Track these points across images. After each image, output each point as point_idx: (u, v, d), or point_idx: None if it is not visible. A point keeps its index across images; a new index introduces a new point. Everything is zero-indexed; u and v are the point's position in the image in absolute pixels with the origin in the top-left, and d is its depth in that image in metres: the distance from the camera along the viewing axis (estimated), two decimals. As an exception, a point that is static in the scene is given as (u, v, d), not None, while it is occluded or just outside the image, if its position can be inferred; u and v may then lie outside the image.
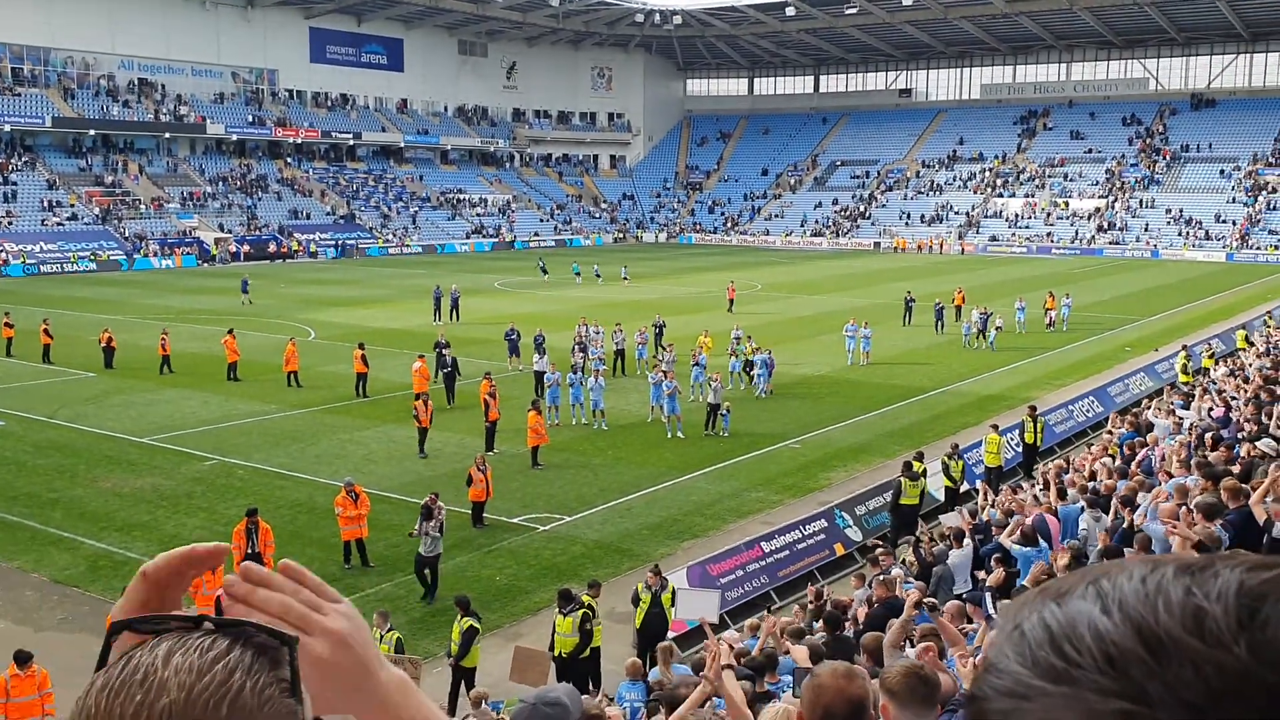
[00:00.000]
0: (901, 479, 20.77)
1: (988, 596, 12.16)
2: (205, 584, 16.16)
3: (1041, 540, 14.50)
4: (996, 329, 42.15)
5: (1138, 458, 18.29)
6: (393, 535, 20.00)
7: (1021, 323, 44.17)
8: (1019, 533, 14.54)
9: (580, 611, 14.88)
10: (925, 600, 12.36)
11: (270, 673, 1.13)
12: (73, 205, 79.14)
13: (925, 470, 21.38)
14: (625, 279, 62.89)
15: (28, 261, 69.93)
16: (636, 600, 15.70)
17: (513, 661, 13.70)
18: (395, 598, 17.44)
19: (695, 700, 4.84)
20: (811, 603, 15.18)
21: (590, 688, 14.57)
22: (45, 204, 78.11)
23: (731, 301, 50.30)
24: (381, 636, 13.89)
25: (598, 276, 64.30)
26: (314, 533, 20.43)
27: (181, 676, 1.08)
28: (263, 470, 24.62)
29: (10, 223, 74.42)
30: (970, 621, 11.24)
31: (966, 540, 15.70)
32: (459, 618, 14.62)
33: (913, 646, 8.62)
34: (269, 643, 1.16)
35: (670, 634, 15.62)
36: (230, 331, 35.17)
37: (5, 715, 13.13)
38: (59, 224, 76.44)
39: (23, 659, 13.16)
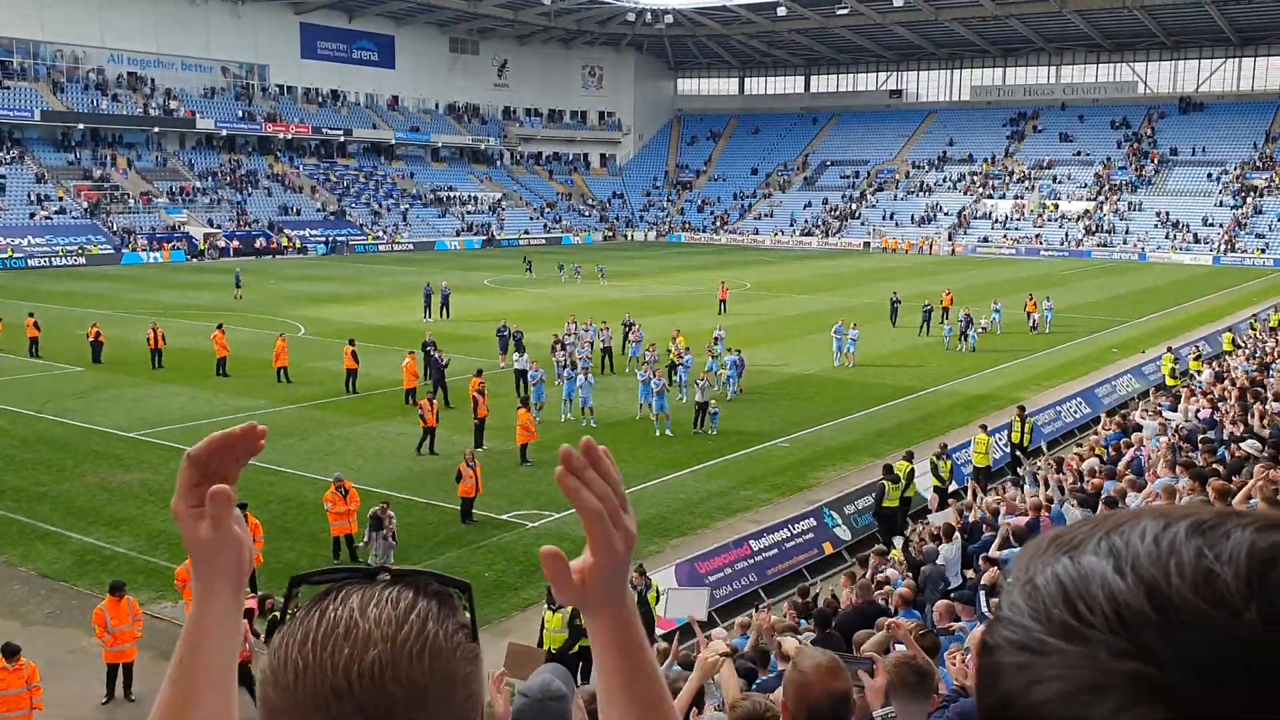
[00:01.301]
0: (883, 482, 20.89)
1: (981, 595, 12.21)
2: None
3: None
4: (982, 329, 42.34)
5: (1125, 458, 18.40)
6: (382, 531, 19.97)
7: (998, 323, 44.22)
8: (1011, 537, 14.58)
9: (570, 607, 14.88)
10: (915, 598, 12.44)
11: (454, 619, 1.18)
12: (61, 199, 78.82)
13: (912, 471, 21.47)
14: (602, 277, 62.79)
15: (15, 255, 69.65)
16: None
17: (506, 658, 13.74)
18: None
19: (690, 692, 4.89)
20: (800, 599, 15.22)
21: (580, 683, 14.58)
22: (33, 197, 77.78)
23: (723, 302, 49.73)
24: None
25: (577, 274, 64.08)
26: (303, 528, 20.41)
27: (384, 628, 1.11)
28: (251, 465, 24.15)
29: (-2, 216, 74.15)
30: (959, 620, 11.31)
31: (955, 536, 15.76)
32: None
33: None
34: (446, 591, 1.21)
35: (658, 631, 15.66)
36: (220, 326, 35.09)
37: (-5, 709, 13.11)
38: (47, 218, 76.13)
39: (10, 652, 13.14)
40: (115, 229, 77.67)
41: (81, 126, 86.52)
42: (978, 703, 0.85)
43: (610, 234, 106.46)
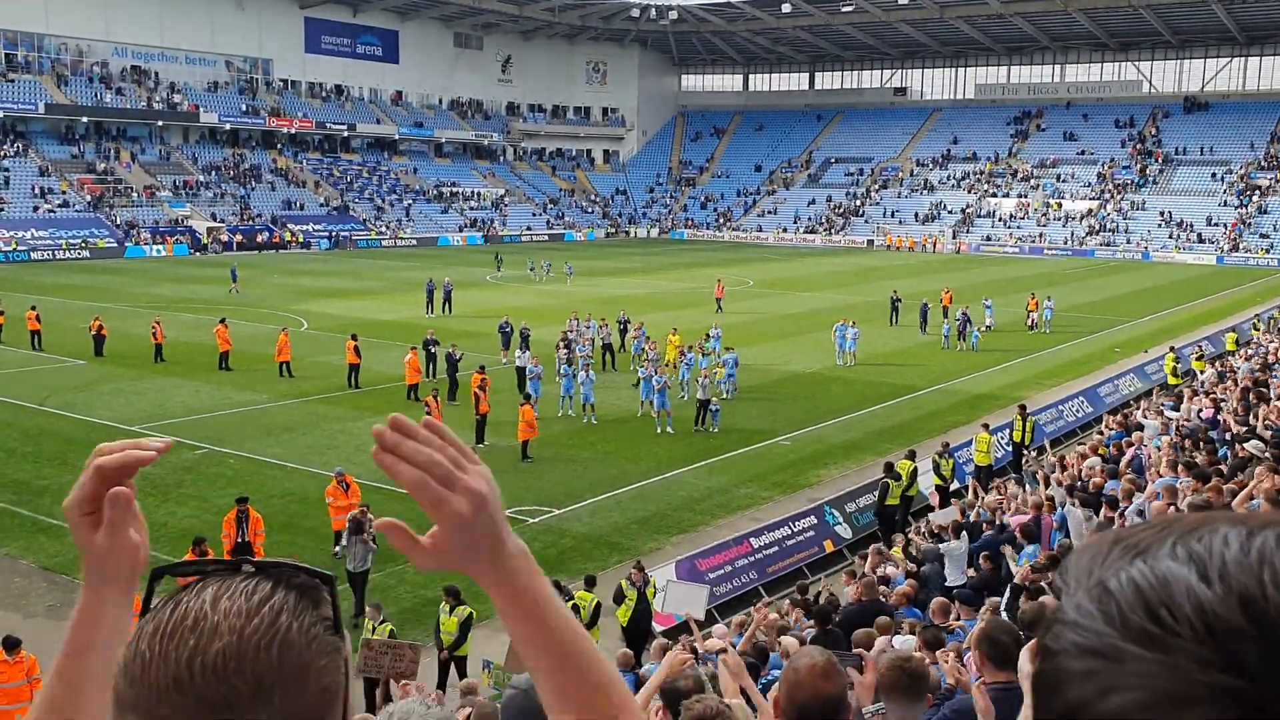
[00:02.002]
0: (886, 480, 20.90)
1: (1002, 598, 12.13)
2: (227, 538, 15.97)
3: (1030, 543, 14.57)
4: (987, 328, 42.27)
5: (1126, 457, 18.38)
6: (383, 526, 19.99)
7: (989, 318, 43.67)
8: (1018, 532, 14.54)
9: (569, 604, 14.87)
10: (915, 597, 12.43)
11: (313, 612, 1.17)
12: (64, 192, 78.85)
13: (915, 470, 21.46)
14: (570, 276, 61.53)
15: (18, 248, 69.71)
16: (620, 597, 15.64)
17: (509, 651, 13.71)
18: (385, 588, 17.45)
19: (652, 688, 4.91)
20: (799, 596, 15.22)
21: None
22: (37, 191, 77.81)
23: (719, 300, 49.21)
24: (374, 628, 13.90)
25: (547, 270, 62.57)
26: (305, 522, 20.43)
27: (231, 620, 1.11)
28: (254, 459, 24.60)
29: (2, 209, 74.15)
30: (958, 619, 11.29)
31: (964, 534, 15.70)
32: (452, 608, 14.63)
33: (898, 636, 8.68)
34: (309, 583, 1.19)
35: (657, 627, 15.67)
36: (222, 321, 35.11)
37: (-5, 701, 13.12)
38: (50, 211, 76.17)
39: (11, 645, 13.14)
40: (118, 223, 77.70)
41: (85, 120, 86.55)
42: (1034, 709, 0.81)
43: (613, 231, 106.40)
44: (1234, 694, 0.70)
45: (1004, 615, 9.86)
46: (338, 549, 18.10)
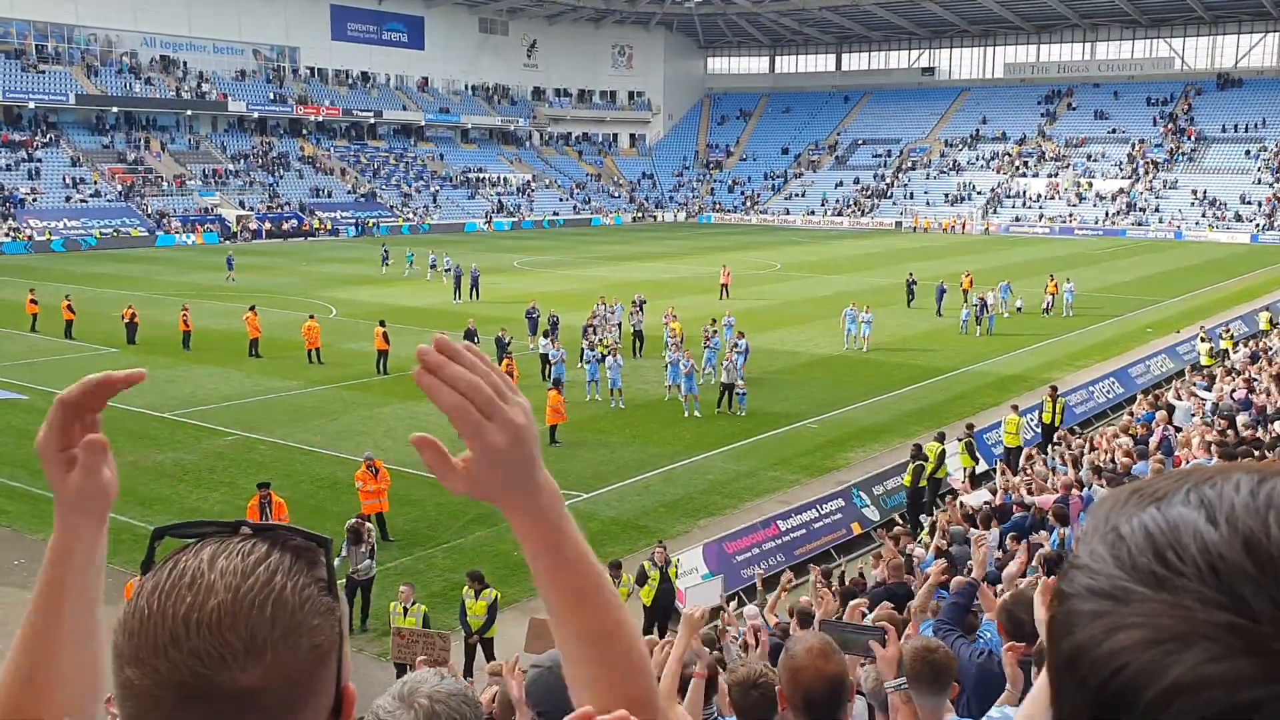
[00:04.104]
0: (915, 462, 20.83)
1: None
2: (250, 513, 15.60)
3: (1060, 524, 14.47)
4: (1018, 309, 41.87)
5: (1155, 438, 18.23)
6: (412, 510, 20.16)
7: (1005, 301, 42.46)
8: (1051, 514, 14.44)
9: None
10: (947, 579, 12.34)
11: (308, 573, 1.19)
12: (96, 182, 79.56)
13: (943, 452, 21.38)
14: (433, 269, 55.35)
15: (52, 238, 70.45)
16: (644, 578, 15.75)
17: (528, 632, 13.79)
18: (415, 571, 17.58)
19: (680, 650, 4.92)
20: (823, 578, 15.20)
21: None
22: (69, 181, 78.55)
23: (725, 287, 47.53)
24: (406, 610, 14.02)
25: (428, 263, 56.70)
26: (334, 507, 20.58)
27: (228, 579, 1.14)
28: (283, 445, 24.80)
29: (35, 199, 74.93)
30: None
31: (994, 526, 15.59)
32: (477, 592, 14.72)
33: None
34: (305, 545, 1.22)
35: (680, 607, 15.72)
36: (252, 308, 35.37)
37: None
38: (82, 201, 76.90)
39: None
40: (149, 212, 78.35)
41: (115, 110, 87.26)
42: (1048, 653, 0.83)
43: (640, 215, 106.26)
44: (1235, 631, 0.71)
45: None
46: (342, 554, 18.02)
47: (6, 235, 69.52)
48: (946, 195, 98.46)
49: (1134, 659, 0.74)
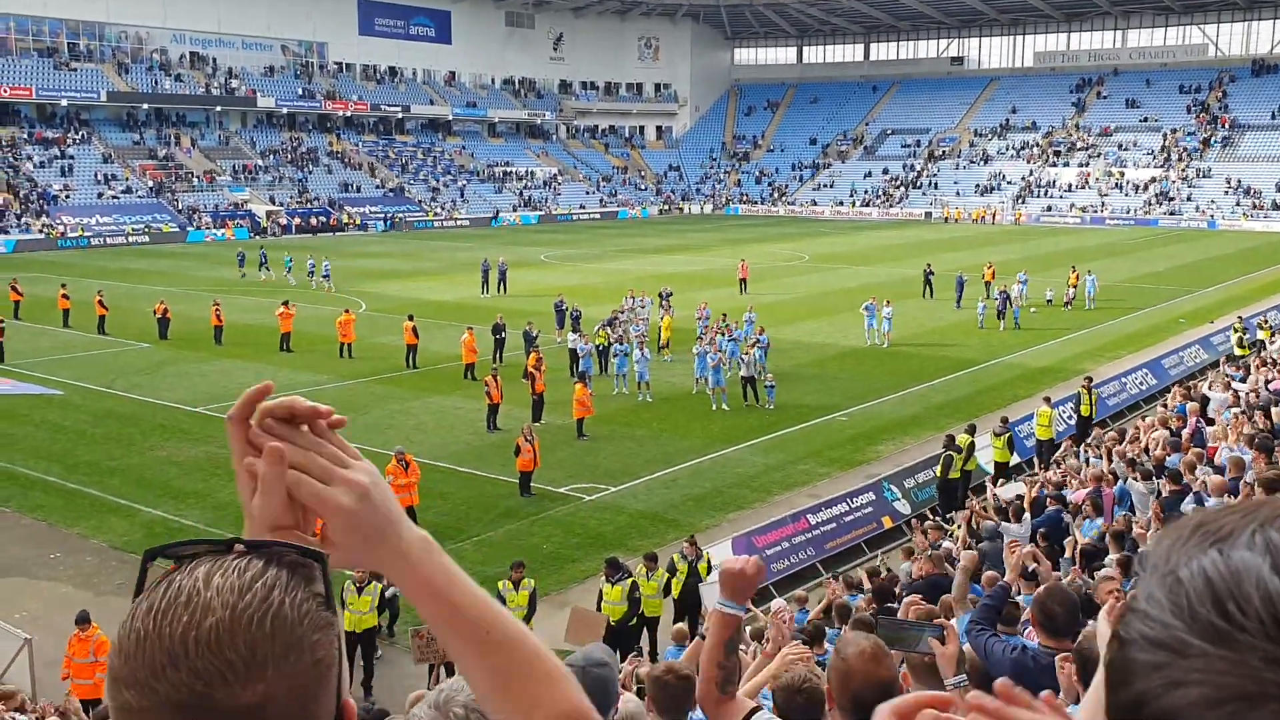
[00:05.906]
0: (948, 454, 20.68)
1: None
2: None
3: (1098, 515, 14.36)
4: (1047, 301, 41.39)
5: (1188, 430, 18.03)
6: (442, 504, 20.25)
7: (1024, 294, 41.45)
8: (1087, 505, 14.32)
9: (629, 580, 15.02)
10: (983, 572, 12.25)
11: (306, 588, 1.18)
12: (127, 179, 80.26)
13: (973, 444, 21.24)
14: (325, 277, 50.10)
15: (84, 234, 71.12)
16: (673, 570, 15.77)
17: (569, 622, 13.81)
18: (458, 554, 17.63)
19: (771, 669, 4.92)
20: (860, 582, 15.14)
21: (641, 653, 14.70)
22: (101, 177, 79.26)
23: (744, 281, 46.92)
24: (518, 585, 14.56)
25: (287, 272, 52.54)
26: (364, 501, 20.67)
27: (224, 596, 1.13)
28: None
29: (68, 196, 75.68)
30: (1018, 593, 11.17)
31: (1025, 517, 15.50)
32: (517, 583, 14.74)
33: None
34: (301, 560, 1.20)
35: (707, 604, 15.70)
36: (285, 303, 35.59)
37: (70, 673, 13.48)
38: (114, 197, 77.57)
39: (82, 619, 13.56)
40: (181, 207, 78.96)
41: (146, 106, 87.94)
42: (1106, 696, 0.80)
43: (667, 208, 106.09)
44: None
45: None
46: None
47: (40, 232, 70.23)
48: (977, 185, 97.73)
49: (1197, 718, 0.71)
